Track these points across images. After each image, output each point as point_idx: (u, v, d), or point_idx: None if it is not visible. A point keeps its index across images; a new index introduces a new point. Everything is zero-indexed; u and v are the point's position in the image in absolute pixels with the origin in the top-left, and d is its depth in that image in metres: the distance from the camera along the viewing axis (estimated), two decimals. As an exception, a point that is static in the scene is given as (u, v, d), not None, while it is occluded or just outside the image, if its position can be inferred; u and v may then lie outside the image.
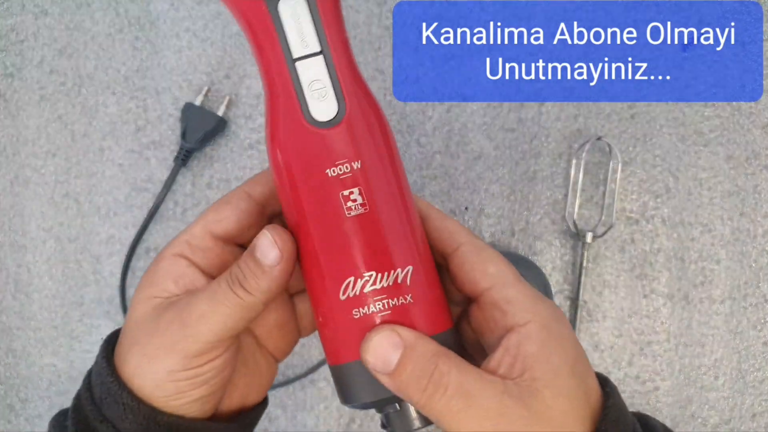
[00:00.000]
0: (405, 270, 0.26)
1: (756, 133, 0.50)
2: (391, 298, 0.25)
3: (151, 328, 0.26)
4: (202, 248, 0.27)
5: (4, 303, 0.52)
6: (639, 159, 0.50)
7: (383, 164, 0.26)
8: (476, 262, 0.26)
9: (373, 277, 0.25)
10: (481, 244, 0.27)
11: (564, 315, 0.26)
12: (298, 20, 0.25)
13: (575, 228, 0.49)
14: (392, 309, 0.25)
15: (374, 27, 0.51)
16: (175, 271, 0.27)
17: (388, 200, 0.26)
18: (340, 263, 0.26)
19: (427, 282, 0.26)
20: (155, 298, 0.26)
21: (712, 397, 0.49)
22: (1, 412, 0.52)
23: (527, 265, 0.44)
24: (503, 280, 0.26)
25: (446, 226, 0.28)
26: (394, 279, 0.25)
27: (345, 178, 0.25)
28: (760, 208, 0.50)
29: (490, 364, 0.25)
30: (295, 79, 0.25)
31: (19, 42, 0.53)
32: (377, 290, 0.25)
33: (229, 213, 0.27)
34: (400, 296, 0.25)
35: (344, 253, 0.26)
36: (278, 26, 0.25)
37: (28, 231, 0.52)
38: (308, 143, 0.25)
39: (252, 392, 0.30)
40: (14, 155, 0.52)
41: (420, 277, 0.26)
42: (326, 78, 0.25)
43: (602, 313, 0.49)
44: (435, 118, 0.50)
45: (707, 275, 0.49)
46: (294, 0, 0.25)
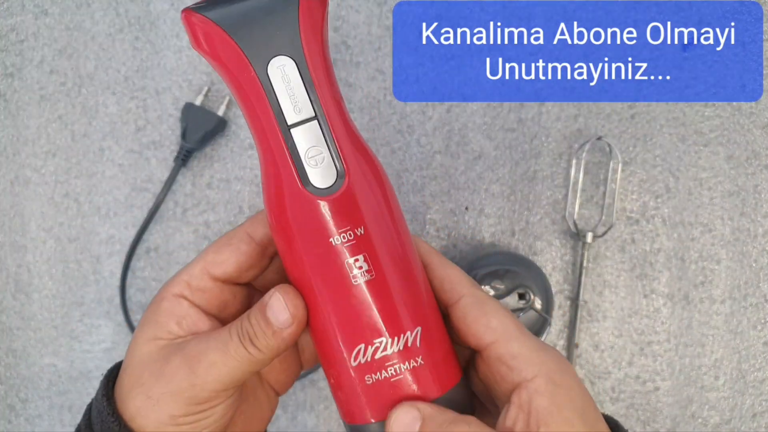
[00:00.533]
0: (414, 332, 0.25)
1: (756, 133, 0.50)
2: (403, 362, 0.25)
3: (157, 370, 0.26)
4: (201, 289, 0.27)
5: (5, 303, 0.52)
6: (639, 159, 0.50)
7: (387, 226, 0.26)
8: (478, 315, 0.26)
9: (383, 343, 0.25)
10: (483, 295, 0.27)
11: (567, 362, 0.26)
12: (289, 84, 0.24)
13: (575, 228, 0.49)
14: (404, 373, 0.25)
15: (374, 27, 0.51)
16: (178, 312, 0.27)
17: (394, 263, 0.26)
18: (349, 331, 0.26)
19: (436, 339, 0.26)
20: (159, 340, 0.26)
21: (712, 397, 0.49)
22: (1, 412, 0.52)
23: (527, 265, 0.44)
24: (507, 334, 0.26)
25: (447, 275, 0.27)
26: (404, 343, 0.25)
27: (350, 245, 0.25)
28: (761, 208, 0.50)
29: (506, 422, 0.25)
30: (290, 146, 0.24)
31: (19, 42, 0.53)
32: (388, 356, 0.25)
33: (229, 255, 0.27)
34: (411, 359, 0.25)
35: (353, 320, 0.25)
36: (269, 91, 0.24)
37: (28, 231, 0.52)
38: (309, 212, 0.25)
39: (252, 427, 0.30)
40: (14, 155, 0.52)
41: (429, 336, 0.26)
42: (322, 144, 0.24)
43: (602, 313, 0.49)
44: (435, 118, 0.50)
45: (707, 275, 0.49)
46: (283, 63, 0.24)
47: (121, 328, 0.51)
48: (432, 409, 0.25)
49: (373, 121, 0.50)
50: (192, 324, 0.27)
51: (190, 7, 0.24)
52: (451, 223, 0.50)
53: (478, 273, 0.43)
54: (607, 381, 0.49)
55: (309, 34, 0.24)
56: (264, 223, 0.28)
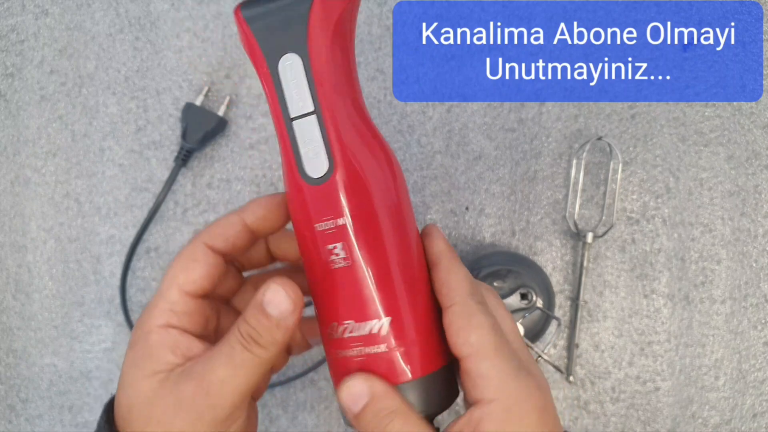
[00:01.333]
0: (381, 321, 0.27)
1: (757, 133, 0.50)
2: (366, 346, 0.27)
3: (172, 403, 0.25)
4: (186, 312, 0.28)
5: (5, 303, 0.52)
6: (639, 159, 0.50)
7: (371, 221, 0.27)
8: (462, 327, 0.27)
9: (351, 325, 0.27)
10: (473, 307, 0.27)
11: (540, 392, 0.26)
12: (295, 80, 0.26)
13: (576, 228, 0.49)
14: (366, 356, 0.27)
15: (374, 27, 0.51)
16: (169, 342, 0.27)
17: (373, 256, 0.27)
18: (326, 308, 0.28)
19: (409, 330, 0.28)
20: (159, 373, 0.26)
21: (712, 398, 0.49)
22: (1, 412, 0.52)
23: (528, 265, 0.44)
24: (482, 352, 0.26)
25: (447, 280, 0.28)
26: (369, 329, 0.27)
27: (330, 233, 0.27)
28: (761, 208, 0.50)
29: (453, 428, 0.26)
30: (291, 136, 0.27)
31: (19, 42, 0.53)
32: (354, 337, 0.27)
33: (201, 272, 0.28)
34: (374, 345, 0.27)
35: (329, 300, 0.28)
36: (277, 85, 0.26)
37: (29, 231, 0.52)
38: (302, 197, 0.27)
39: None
40: (15, 155, 0.52)
41: (400, 327, 0.27)
42: (318, 137, 0.26)
43: (603, 313, 0.49)
44: (435, 118, 0.50)
45: (708, 275, 0.49)
46: (291, 59, 0.26)
47: (122, 328, 0.51)
48: (383, 390, 0.26)
49: (373, 121, 0.50)
50: (186, 350, 0.27)
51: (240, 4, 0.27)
52: (452, 223, 0.50)
53: (480, 273, 0.43)
54: (608, 381, 0.49)
55: (317, 33, 0.26)
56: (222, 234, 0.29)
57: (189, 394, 0.25)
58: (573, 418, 0.49)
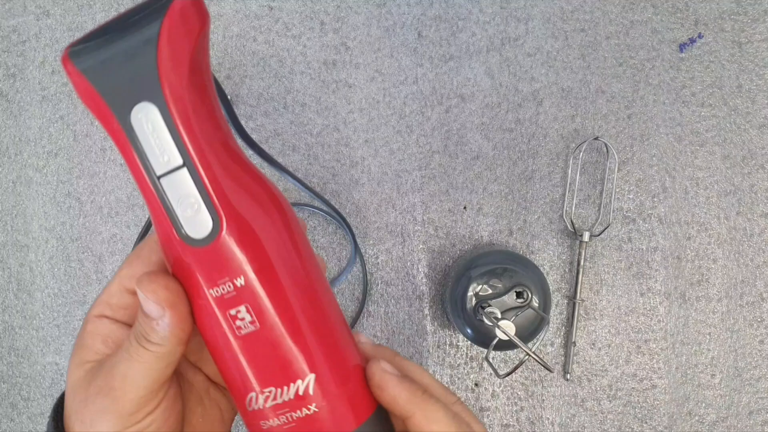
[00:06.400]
0: (306, 380, 0.25)
1: (752, 132, 0.50)
2: (294, 411, 0.25)
3: (83, 396, 0.26)
4: (122, 306, 0.27)
5: (7, 302, 0.52)
6: (636, 158, 0.50)
7: (273, 274, 0.24)
8: None
9: (273, 392, 0.25)
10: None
11: None
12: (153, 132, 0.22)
13: (573, 227, 0.49)
14: (296, 421, 0.25)
15: (373, 28, 0.51)
16: (101, 332, 0.27)
17: (284, 310, 0.24)
18: (239, 380, 0.25)
19: (336, 382, 0.26)
20: (87, 363, 0.26)
21: (708, 395, 0.50)
22: (3, 410, 0.53)
23: (525, 264, 0.45)
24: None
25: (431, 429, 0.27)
26: (294, 392, 0.25)
27: (229, 297, 0.24)
28: (757, 207, 0.50)
29: None
30: (161, 196, 0.23)
31: (21, 43, 0.53)
32: (279, 405, 0.25)
33: (141, 267, 0.27)
34: (304, 407, 0.25)
35: (241, 370, 0.25)
36: (133, 140, 0.22)
37: (31, 230, 0.52)
38: (186, 262, 0.24)
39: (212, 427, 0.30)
40: (16, 155, 0.53)
41: (326, 381, 0.25)
42: (194, 193, 0.23)
43: (599, 312, 0.50)
44: (434, 119, 0.51)
45: (704, 274, 0.50)
46: (145, 109, 0.22)
47: (123, 327, 0.51)
48: None
49: (372, 122, 0.51)
50: (117, 340, 0.27)
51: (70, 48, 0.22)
52: (450, 223, 0.50)
53: (476, 272, 0.44)
54: (604, 379, 0.50)
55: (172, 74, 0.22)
56: None
57: (97, 387, 0.25)
58: (570, 416, 0.50)
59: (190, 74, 0.22)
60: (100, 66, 0.22)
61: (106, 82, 0.22)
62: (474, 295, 0.43)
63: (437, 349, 0.50)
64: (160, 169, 0.22)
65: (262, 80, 0.51)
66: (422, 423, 0.27)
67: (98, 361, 0.26)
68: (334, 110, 0.51)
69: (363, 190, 0.51)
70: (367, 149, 0.51)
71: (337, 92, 0.51)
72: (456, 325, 0.45)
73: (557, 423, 0.50)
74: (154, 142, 0.22)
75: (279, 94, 0.51)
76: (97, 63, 0.22)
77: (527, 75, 0.50)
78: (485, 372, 0.50)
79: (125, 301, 0.27)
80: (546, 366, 0.38)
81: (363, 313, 0.50)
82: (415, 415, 0.27)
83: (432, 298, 0.50)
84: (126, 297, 0.27)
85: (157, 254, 0.27)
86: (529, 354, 0.38)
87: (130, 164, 0.23)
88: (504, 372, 0.48)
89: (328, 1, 0.51)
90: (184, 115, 0.22)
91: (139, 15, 0.22)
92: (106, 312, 0.27)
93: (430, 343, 0.50)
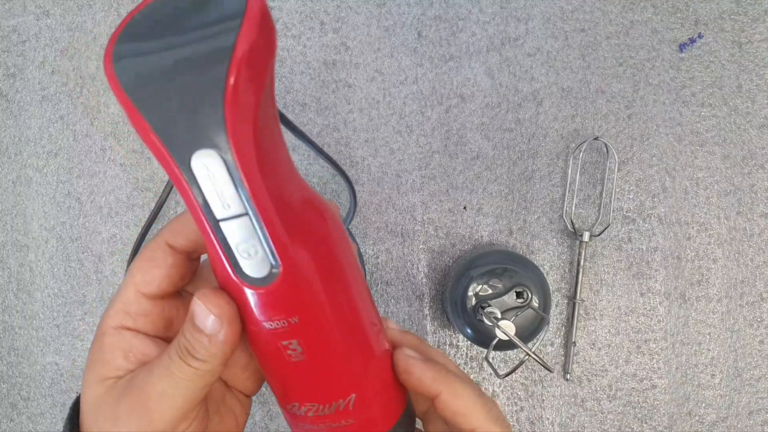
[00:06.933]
0: (347, 400, 0.26)
1: (752, 132, 0.50)
2: (333, 422, 0.26)
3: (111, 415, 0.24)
4: (141, 313, 0.26)
5: (7, 302, 0.52)
6: (636, 158, 0.50)
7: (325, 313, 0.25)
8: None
9: (315, 406, 0.26)
10: None
11: None
12: (214, 179, 0.21)
13: (572, 227, 0.49)
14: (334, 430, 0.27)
15: (373, 28, 0.51)
16: (122, 345, 0.26)
17: (331, 346, 0.25)
18: (284, 390, 0.26)
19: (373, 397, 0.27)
20: (108, 379, 0.25)
21: (708, 395, 0.50)
22: (3, 410, 0.53)
23: (525, 264, 0.45)
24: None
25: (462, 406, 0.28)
26: (335, 408, 0.26)
27: (282, 331, 0.24)
28: (756, 207, 0.50)
29: None
30: (221, 239, 0.22)
31: (21, 43, 0.53)
32: (319, 416, 0.26)
33: (157, 271, 0.26)
34: (342, 420, 0.26)
35: (287, 386, 0.26)
36: (193, 183, 0.21)
37: (31, 230, 0.52)
38: (244, 298, 0.24)
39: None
40: (16, 155, 0.53)
41: (364, 398, 0.27)
42: (255, 238, 0.22)
43: (599, 312, 0.50)
44: (434, 119, 0.51)
45: (704, 274, 0.50)
46: (207, 158, 0.20)
47: (123, 327, 0.51)
48: None
49: (372, 122, 0.51)
50: (140, 354, 0.26)
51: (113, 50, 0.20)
52: (450, 223, 0.50)
53: (476, 272, 0.44)
54: (604, 379, 0.50)
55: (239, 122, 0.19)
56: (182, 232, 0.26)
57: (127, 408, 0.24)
58: (570, 416, 0.50)
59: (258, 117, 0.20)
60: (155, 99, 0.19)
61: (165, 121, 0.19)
62: (474, 295, 0.43)
63: (437, 349, 0.50)
64: (221, 214, 0.22)
65: (262, 80, 0.51)
66: (449, 400, 0.27)
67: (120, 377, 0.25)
68: (333, 110, 0.51)
69: (363, 190, 0.50)
70: (367, 149, 0.51)
71: (337, 92, 0.51)
72: (456, 325, 0.45)
73: (557, 423, 0.50)
74: (215, 189, 0.21)
75: (279, 94, 0.51)
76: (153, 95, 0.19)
77: (527, 75, 0.50)
78: (485, 372, 0.50)
79: (144, 308, 0.26)
80: (546, 366, 0.38)
81: (363, 313, 0.50)
82: (442, 393, 0.27)
83: (432, 298, 0.50)
84: (144, 303, 0.26)
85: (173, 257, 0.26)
86: (529, 354, 0.38)
87: (189, 205, 0.22)
88: (504, 372, 0.48)
89: (328, 1, 0.51)
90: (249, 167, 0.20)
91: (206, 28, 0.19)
92: (127, 322, 0.26)
93: (430, 343, 0.50)
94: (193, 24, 0.19)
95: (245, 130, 0.20)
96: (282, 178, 0.23)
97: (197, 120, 0.19)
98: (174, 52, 0.19)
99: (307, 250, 0.23)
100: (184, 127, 0.19)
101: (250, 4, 0.19)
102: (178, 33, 0.19)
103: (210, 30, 0.19)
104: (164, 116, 0.19)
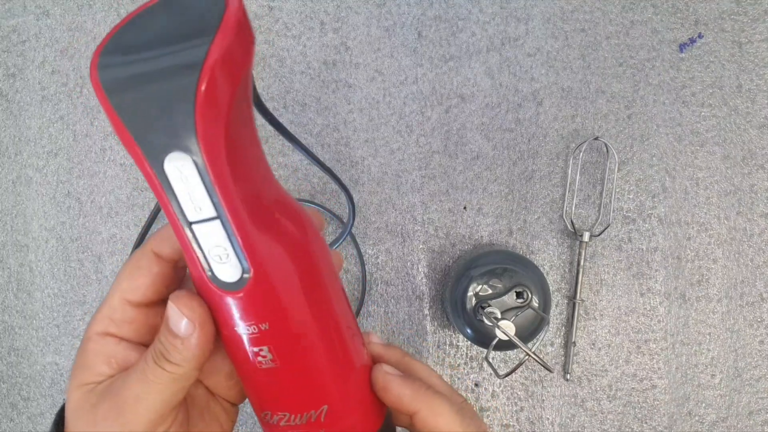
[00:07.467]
0: (319, 411, 0.26)
1: (752, 132, 0.50)
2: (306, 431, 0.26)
3: (90, 420, 0.25)
4: (126, 320, 0.26)
5: (7, 302, 0.52)
6: (636, 159, 0.50)
7: (296, 321, 0.25)
8: None
9: (286, 416, 0.26)
10: None
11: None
12: (187, 183, 0.21)
13: (573, 227, 0.49)
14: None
15: (373, 28, 0.51)
16: (105, 351, 0.26)
17: (302, 355, 0.25)
18: (257, 398, 0.27)
19: (347, 410, 0.27)
20: (87, 385, 0.25)
21: (708, 395, 0.50)
22: (3, 410, 0.53)
23: (525, 264, 0.45)
24: None
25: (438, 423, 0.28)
26: (308, 419, 0.26)
27: (254, 336, 0.24)
28: (757, 207, 0.50)
29: None
30: (194, 241, 0.23)
31: (20, 43, 0.53)
32: (291, 426, 0.26)
33: (143, 280, 0.26)
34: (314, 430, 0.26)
35: (259, 394, 0.26)
36: (165, 184, 0.21)
37: (30, 230, 0.52)
38: (215, 302, 0.24)
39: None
40: (16, 155, 0.53)
41: (338, 410, 0.27)
42: (226, 243, 0.22)
43: (599, 312, 0.50)
44: (434, 119, 0.51)
45: (704, 274, 0.50)
46: (180, 161, 0.20)
47: (123, 327, 0.51)
48: None
49: (372, 122, 0.51)
50: (122, 360, 0.26)
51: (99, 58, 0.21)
52: (450, 223, 0.50)
53: (476, 272, 0.44)
54: (604, 379, 0.50)
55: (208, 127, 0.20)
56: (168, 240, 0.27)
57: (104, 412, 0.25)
58: (570, 416, 0.50)
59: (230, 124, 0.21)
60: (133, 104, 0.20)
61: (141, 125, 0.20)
62: (474, 295, 0.43)
63: (437, 349, 0.50)
64: (193, 217, 0.22)
65: (262, 80, 0.51)
66: (428, 417, 0.27)
67: (100, 383, 0.25)
68: (334, 110, 0.51)
69: (363, 190, 0.50)
70: (367, 149, 0.51)
71: (337, 92, 0.51)
72: (456, 325, 0.45)
73: (557, 423, 0.50)
74: (188, 192, 0.21)
75: (279, 94, 0.51)
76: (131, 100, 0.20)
77: (527, 75, 0.50)
78: (485, 372, 0.50)
79: (129, 315, 0.26)
80: (546, 366, 0.38)
81: (362, 313, 0.50)
82: (421, 410, 0.27)
83: (432, 298, 0.50)
84: (129, 310, 0.26)
85: (158, 266, 0.26)
86: (529, 354, 0.38)
87: (164, 207, 0.22)
88: (504, 372, 0.48)
89: (328, 1, 0.51)
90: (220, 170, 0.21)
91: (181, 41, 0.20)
92: (110, 328, 0.26)
93: (430, 343, 0.50)
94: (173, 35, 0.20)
95: (216, 135, 0.20)
96: (257, 183, 0.23)
97: (170, 124, 0.20)
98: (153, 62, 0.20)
99: (280, 256, 0.24)
100: (158, 131, 0.20)
101: (226, 16, 0.20)
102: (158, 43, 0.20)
103: (187, 42, 0.20)
104: (140, 120, 0.20)
